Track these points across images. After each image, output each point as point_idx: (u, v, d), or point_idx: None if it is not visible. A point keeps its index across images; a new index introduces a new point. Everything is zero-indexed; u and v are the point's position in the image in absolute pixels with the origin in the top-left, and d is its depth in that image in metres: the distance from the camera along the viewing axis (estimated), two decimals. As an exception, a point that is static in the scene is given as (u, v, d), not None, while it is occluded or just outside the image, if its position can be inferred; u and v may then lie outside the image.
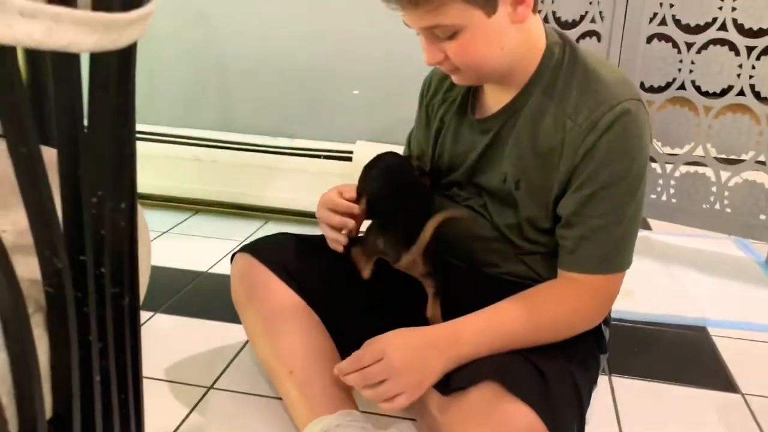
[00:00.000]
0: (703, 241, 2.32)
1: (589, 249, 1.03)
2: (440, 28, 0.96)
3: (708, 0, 2.07)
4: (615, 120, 0.97)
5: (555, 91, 1.04)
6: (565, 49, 1.06)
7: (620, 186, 1.01)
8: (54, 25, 0.38)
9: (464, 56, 0.99)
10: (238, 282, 1.29)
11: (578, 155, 1.01)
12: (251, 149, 2.28)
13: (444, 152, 1.21)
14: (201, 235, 2.17)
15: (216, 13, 2.28)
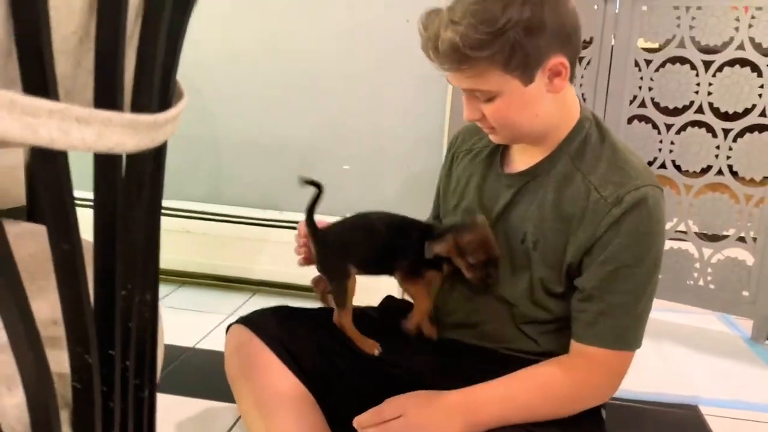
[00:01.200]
0: (689, 316, 2.34)
1: (609, 324, 1.04)
2: (480, 91, 1.01)
3: (685, 84, 2.17)
4: (640, 200, 1.01)
5: (583, 161, 1.08)
6: (596, 125, 1.11)
7: (642, 267, 1.03)
8: (104, 129, 0.39)
9: (500, 119, 1.04)
10: (234, 355, 1.27)
11: (602, 226, 1.03)
12: (240, 222, 2.29)
13: (465, 200, 1.23)
14: (187, 308, 2.15)
15: (210, 89, 2.33)
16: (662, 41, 2.20)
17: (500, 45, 0.94)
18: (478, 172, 1.23)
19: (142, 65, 0.43)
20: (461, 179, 1.27)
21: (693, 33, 2.14)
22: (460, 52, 0.94)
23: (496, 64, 0.96)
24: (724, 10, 2.08)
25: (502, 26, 0.93)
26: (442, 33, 0.95)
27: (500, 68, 0.97)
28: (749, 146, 2.11)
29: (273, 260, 2.28)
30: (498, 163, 1.20)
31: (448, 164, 1.33)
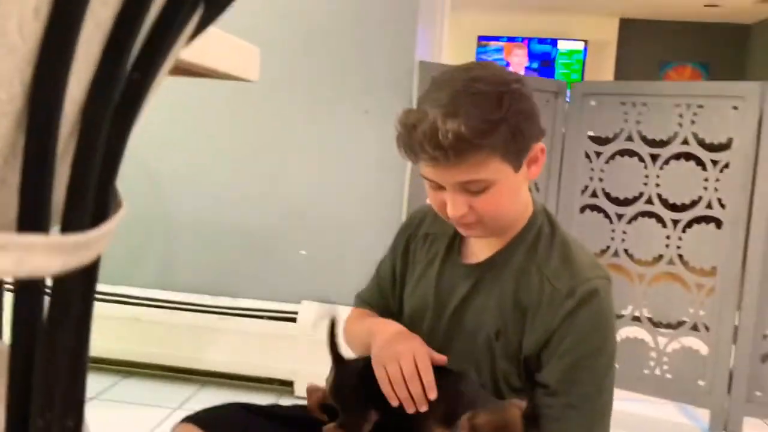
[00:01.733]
0: (648, 406, 2.32)
1: (575, 418, 1.02)
2: (476, 182, 0.99)
3: (634, 176, 2.24)
4: (592, 293, 1.02)
5: (537, 254, 1.08)
6: (547, 219, 1.13)
7: (601, 358, 1.03)
8: (25, 254, 0.36)
9: (491, 209, 1.02)
10: (178, 457, 1.19)
11: (557, 319, 1.02)
12: (190, 309, 2.21)
13: (420, 289, 1.20)
14: (131, 402, 2.04)
15: (164, 170, 2.31)
16: (611, 134, 2.29)
17: (503, 132, 0.96)
18: (438, 260, 1.21)
19: (75, 183, 0.41)
20: (418, 264, 1.24)
21: (640, 128, 2.22)
22: (467, 141, 0.94)
23: (497, 151, 0.97)
24: (668, 106, 2.18)
25: (504, 113, 0.95)
26: (441, 126, 0.94)
27: (499, 156, 0.98)
28: (698, 236, 2.16)
29: (224, 350, 2.20)
30: (456, 251, 1.19)
31: (403, 248, 1.29)
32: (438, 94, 0.98)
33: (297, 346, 2.17)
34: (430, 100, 0.99)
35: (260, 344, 2.19)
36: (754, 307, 2.09)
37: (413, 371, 1.03)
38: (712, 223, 2.14)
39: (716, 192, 2.13)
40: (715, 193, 2.13)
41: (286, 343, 2.17)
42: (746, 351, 2.10)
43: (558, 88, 2.30)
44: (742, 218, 2.09)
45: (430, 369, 1.02)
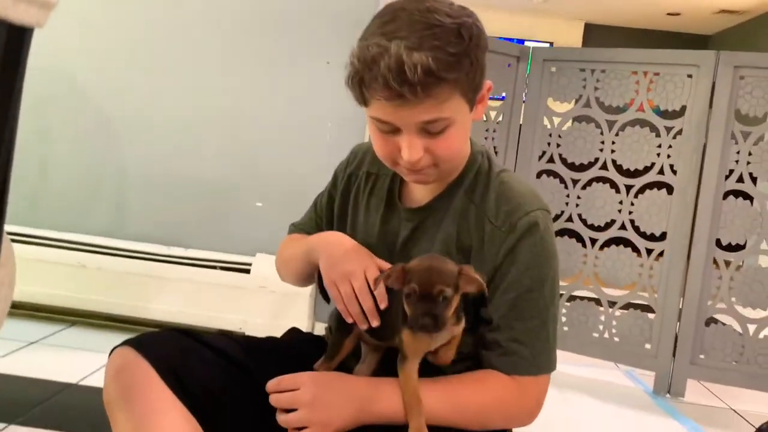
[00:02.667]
0: (595, 371, 2.36)
1: (521, 352, 1.02)
2: (437, 122, 0.95)
3: (590, 142, 2.27)
4: (532, 225, 1.02)
5: (475, 194, 1.08)
6: (485, 158, 1.12)
7: (543, 290, 1.03)
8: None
9: (448, 150, 0.99)
10: (113, 379, 1.14)
11: (499, 255, 1.03)
12: (140, 257, 2.16)
13: (363, 229, 1.18)
14: (75, 347, 1.98)
15: (119, 117, 2.25)
16: (570, 101, 2.32)
17: (465, 65, 0.92)
18: (379, 199, 1.19)
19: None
20: (360, 204, 1.22)
21: (598, 94, 2.26)
22: (435, 75, 0.89)
23: (458, 87, 0.93)
24: (626, 74, 2.22)
25: (467, 45, 0.91)
26: (407, 59, 0.88)
27: (459, 92, 0.94)
28: (649, 202, 2.20)
29: (174, 300, 2.16)
30: (396, 195, 1.18)
31: (343, 184, 1.26)
32: (393, 25, 0.93)
33: (249, 297, 2.14)
34: (386, 32, 0.93)
35: (212, 295, 2.15)
36: (701, 272, 2.14)
37: (364, 287, 1.01)
38: (664, 188, 2.19)
39: (669, 158, 2.17)
40: (667, 159, 2.18)
41: (238, 294, 2.14)
42: (692, 315, 2.15)
43: (520, 52, 2.32)
44: (693, 184, 2.14)
45: (382, 289, 1.01)
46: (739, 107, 2.10)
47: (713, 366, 2.13)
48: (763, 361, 2.08)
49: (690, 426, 1.92)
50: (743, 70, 2.09)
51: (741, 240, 2.12)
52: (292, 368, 1.22)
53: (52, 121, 2.23)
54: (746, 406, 2.19)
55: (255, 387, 1.16)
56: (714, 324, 2.15)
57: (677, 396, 2.16)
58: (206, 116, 2.25)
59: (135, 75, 2.25)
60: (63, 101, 2.24)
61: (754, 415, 2.09)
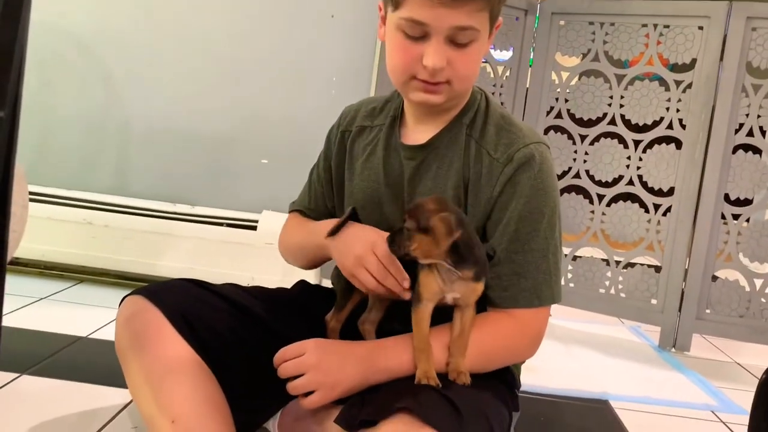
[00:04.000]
0: (600, 327, 2.37)
1: (522, 285, 1.04)
2: (468, 31, 0.99)
3: (598, 97, 2.24)
4: (530, 156, 1.04)
5: (474, 129, 1.10)
6: (483, 97, 1.14)
7: (543, 222, 1.05)
8: None
9: (467, 67, 1.03)
10: (124, 326, 1.16)
11: (497, 187, 1.05)
12: (147, 214, 2.16)
13: (366, 174, 1.18)
14: (83, 303, 1.99)
15: (121, 72, 2.23)
16: (578, 55, 2.28)
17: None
18: (378, 147, 1.19)
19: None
20: (357, 158, 1.22)
21: (606, 48, 2.23)
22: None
23: (490, 5, 0.99)
24: (635, 27, 2.18)
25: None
26: None
27: (488, 11, 0.99)
28: (657, 157, 2.19)
29: (182, 257, 2.16)
30: (397, 135, 1.17)
31: (337, 145, 1.25)
32: None
33: (256, 254, 2.14)
34: None
35: (218, 252, 2.16)
36: (708, 228, 2.13)
37: (381, 269, 1.01)
38: (672, 143, 2.17)
39: (678, 113, 2.15)
40: (677, 113, 2.15)
41: (245, 251, 2.15)
42: (699, 270, 2.15)
43: (528, 5, 2.28)
44: (702, 139, 2.12)
45: (393, 259, 1.01)
46: (750, 60, 2.07)
47: (719, 321, 2.14)
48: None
49: (695, 378, 1.93)
50: (756, 21, 2.05)
51: (750, 195, 2.10)
52: (300, 316, 1.23)
53: (54, 79, 2.21)
54: (750, 359, 2.20)
55: (265, 334, 1.17)
56: (720, 279, 2.15)
57: (682, 350, 2.18)
58: (210, 73, 2.23)
59: (137, 30, 2.22)
60: (64, 58, 2.21)
61: (757, 368, 2.11)
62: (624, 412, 1.62)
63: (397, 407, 0.87)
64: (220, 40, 2.22)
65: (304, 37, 2.19)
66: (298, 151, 2.23)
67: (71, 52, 2.22)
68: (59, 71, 2.22)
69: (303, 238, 1.27)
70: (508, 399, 1.10)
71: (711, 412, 1.69)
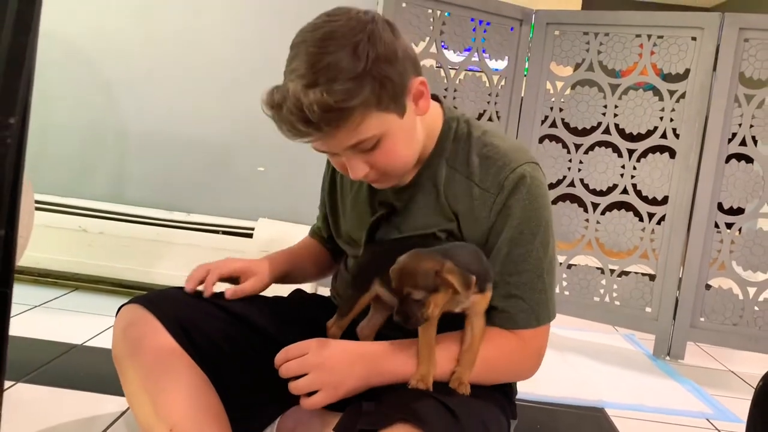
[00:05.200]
0: (595, 335, 2.38)
1: (518, 305, 1.05)
2: (365, 141, 0.96)
3: (593, 106, 2.26)
4: (519, 181, 1.04)
5: (457, 161, 1.09)
6: (461, 123, 1.12)
7: (535, 242, 1.05)
8: None
9: (390, 160, 1.00)
10: (121, 335, 1.16)
11: (492, 216, 1.05)
12: (143, 222, 2.16)
13: (357, 211, 1.20)
14: (78, 311, 1.99)
15: (119, 81, 2.23)
16: (573, 65, 2.30)
17: (369, 85, 0.91)
18: (364, 185, 1.20)
19: None
20: (347, 193, 1.23)
21: (601, 58, 2.24)
22: (334, 109, 0.89)
23: (371, 106, 0.93)
24: (629, 37, 2.20)
25: (364, 66, 0.90)
26: (304, 99, 0.89)
27: (375, 109, 0.94)
28: (651, 166, 2.20)
29: (178, 264, 2.16)
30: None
31: (329, 180, 1.29)
32: (296, 63, 0.93)
33: (252, 262, 2.14)
34: (289, 71, 0.94)
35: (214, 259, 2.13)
36: (702, 236, 2.15)
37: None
38: (666, 152, 2.19)
39: (671, 122, 2.17)
40: (670, 123, 2.17)
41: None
42: (693, 279, 2.16)
43: (523, 15, 2.30)
44: (695, 148, 2.14)
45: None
46: (743, 70, 2.09)
47: (713, 329, 2.15)
48: (762, 323, 2.09)
49: (689, 386, 1.94)
50: (748, 32, 2.07)
51: (743, 204, 2.12)
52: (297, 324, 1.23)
53: (51, 86, 2.21)
54: (744, 367, 2.22)
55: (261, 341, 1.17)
56: (714, 287, 2.16)
57: (677, 358, 2.19)
58: (207, 81, 2.23)
59: (133, 38, 2.23)
60: (60, 65, 2.21)
61: (751, 376, 2.12)
62: (620, 420, 1.63)
63: (397, 417, 0.88)
64: (217, 48, 2.23)
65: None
66: (294, 159, 2.23)
67: (67, 60, 2.22)
68: (54, 79, 2.22)
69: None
70: (506, 407, 1.10)
71: (706, 420, 1.70)
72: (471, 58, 2.28)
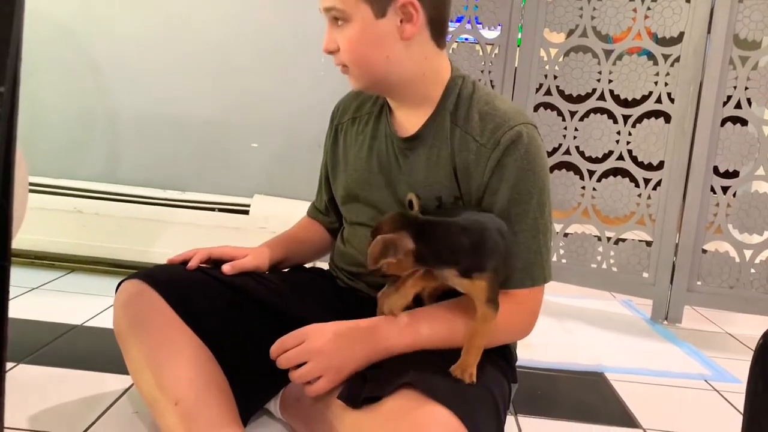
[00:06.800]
0: (593, 301, 2.39)
1: (514, 265, 1.06)
2: (332, 10, 1.03)
3: (587, 72, 2.25)
4: (516, 138, 1.05)
5: (458, 116, 1.11)
6: (466, 82, 1.15)
7: (531, 203, 1.07)
8: None
9: (350, 51, 1.05)
10: (122, 309, 1.16)
11: (486, 172, 1.07)
12: (137, 201, 2.15)
13: (358, 164, 1.20)
14: (77, 292, 1.98)
15: (108, 59, 2.20)
16: (566, 31, 2.28)
17: None
18: (368, 135, 1.21)
19: None
20: (351, 147, 1.25)
21: (594, 23, 2.22)
22: None
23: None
24: (622, 1, 2.18)
25: None
26: None
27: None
28: (647, 131, 2.20)
29: (174, 243, 2.15)
30: (387, 125, 1.19)
31: (332, 138, 1.31)
32: None
33: (249, 238, 2.13)
34: None
35: (211, 237, 2.14)
36: (698, 200, 2.15)
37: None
38: (662, 117, 2.18)
39: (666, 87, 2.16)
40: (665, 87, 2.16)
41: (238, 235, 2.14)
42: (689, 243, 2.17)
43: (515, -18, 2.27)
44: (690, 113, 2.13)
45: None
46: (737, 32, 2.07)
47: (710, 292, 2.16)
48: (758, 285, 2.11)
49: (688, 349, 1.96)
50: (742, -7, 2.05)
51: (739, 167, 2.12)
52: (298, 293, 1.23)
53: (39, 66, 2.18)
54: (741, 329, 2.24)
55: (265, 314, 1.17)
56: (710, 251, 2.17)
57: (674, 322, 2.20)
58: (198, 57, 2.21)
59: (123, 15, 2.19)
60: (49, 45, 2.18)
61: (748, 337, 2.14)
62: (619, 384, 1.64)
63: (401, 383, 0.88)
64: (207, 24, 2.20)
65: (291, 19, 2.17)
66: (288, 133, 2.22)
67: (57, 39, 2.19)
68: (43, 58, 2.19)
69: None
70: (507, 371, 1.11)
71: (705, 381, 1.72)
72: (464, 26, 2.26)
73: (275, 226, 2.14)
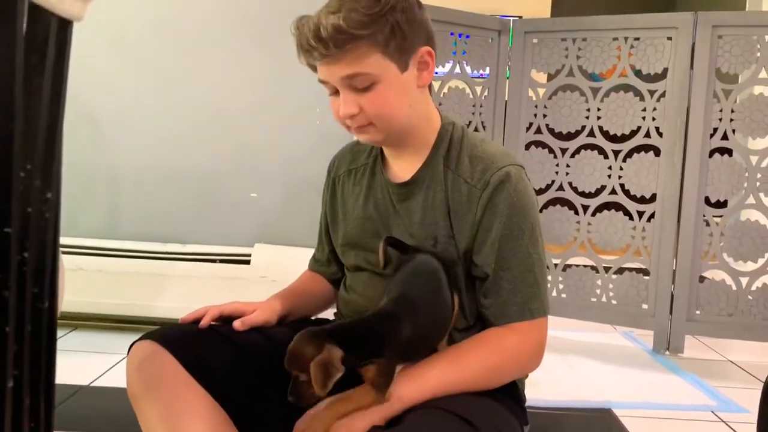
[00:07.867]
0: (594, 335, 2.41)
1: (511, 299, 1.08)
2: (360, 77, 1.03)
3: (576, 110, 2.30)
4: (504, 178, 1.09)
5: (450, 160, 1.15)
6: (456, 128, 1.19)
7: (524, 238, 1.09)
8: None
9: (379, 107, 1.06)
10: (137, 372, 1.16)
11: (478, 211, 1.10)
12: (139, 256, 2.16)
13: (355, 213, 1.23)
14: (82, 350, 1.98)
15: (106, 115, 2.24)
16: (553, 71, 2.34)
17: (381, 25, 1.01)
18: (364, 186, 1.24)
19: None
20: (348, 198, 1.28)
21: (580, 62, 2.29)
22: (344, 32, 0.99)
23: (377, 45, 1.02)
24: (607, 40, 2.25)
25: (382, 7, 1.01)
26: (323, 21, 0.99)
27: (380, 50, 1.03)
28: (638, 165, 2.24)
29: (177, 296, 2.16)
30: (381, 174, 1.22)
31: (330, 191, 1.34)
32: (330, 1, 1.05)
33: (251, 288, 2.15)
34: (323, 7, 1.05)
35: (213, 288, 2.16)
36: (692, 230, 2.19)
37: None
38: (651, 151, 2.23)
39: (654, 121, 2.21)
40: (653, 122, 2.21)
41: (240, 285, 2.15)
42: (686, 273, 2.20)
43: (501, 26, 2.34)
44: (679, 145, 2.18)
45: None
46: (719, 66, 2.14)
47: (709, 321, 2.19)
48: (756, 312, 2.13)
49: (692, 380, 1.97)
50: (721, 29, 2.12)
51: (729, 196, 2.17)
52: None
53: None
54: (742, 356, 2.25)
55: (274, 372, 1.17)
56: (707, 280, 2.20)
57: (676, 352, 2.22)
58: (194, 109, 2.25)
59: (119, 71, 2.24)
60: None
61: (750, 365, 2.16)
62: (628, 420, 1.65)
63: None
64: (202, 77, 2.24)
65: (286, 68, 2.22)
66: (286, 182, 2.25)
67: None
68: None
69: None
70: (518, 414, 1.12)
71: (711, 413, 1.73)
72: (453, 71, 2.32)
73: (277, 275, 2.15)
